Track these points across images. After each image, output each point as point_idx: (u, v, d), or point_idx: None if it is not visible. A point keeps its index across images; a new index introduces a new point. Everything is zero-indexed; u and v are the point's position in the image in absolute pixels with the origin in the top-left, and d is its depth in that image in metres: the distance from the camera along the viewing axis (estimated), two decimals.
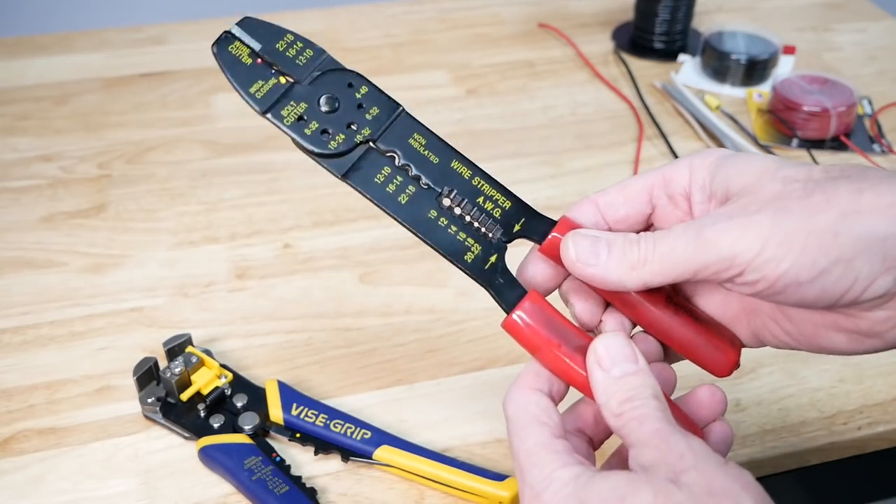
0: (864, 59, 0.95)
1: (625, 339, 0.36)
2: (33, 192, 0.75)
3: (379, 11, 1.04)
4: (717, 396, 0.39)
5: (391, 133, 0.40)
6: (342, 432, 0.52)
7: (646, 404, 0.34)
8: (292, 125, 0.39)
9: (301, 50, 0.40)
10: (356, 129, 0.40)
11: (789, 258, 0.33)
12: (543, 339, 0.37)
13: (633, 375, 0.35)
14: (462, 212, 0.40)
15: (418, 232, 0.39)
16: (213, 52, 0.40)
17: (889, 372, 0.58)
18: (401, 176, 0.40)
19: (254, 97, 0.39)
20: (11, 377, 0.59)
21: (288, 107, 0.39)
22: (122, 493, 0.51)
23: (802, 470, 0.55)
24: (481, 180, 0.40)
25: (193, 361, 0.54)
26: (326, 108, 0.40)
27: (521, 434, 0.36)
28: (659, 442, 0.33)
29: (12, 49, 0.95)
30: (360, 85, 0.40)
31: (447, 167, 0.40)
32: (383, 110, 0.40)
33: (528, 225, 0.40)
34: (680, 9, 0.93)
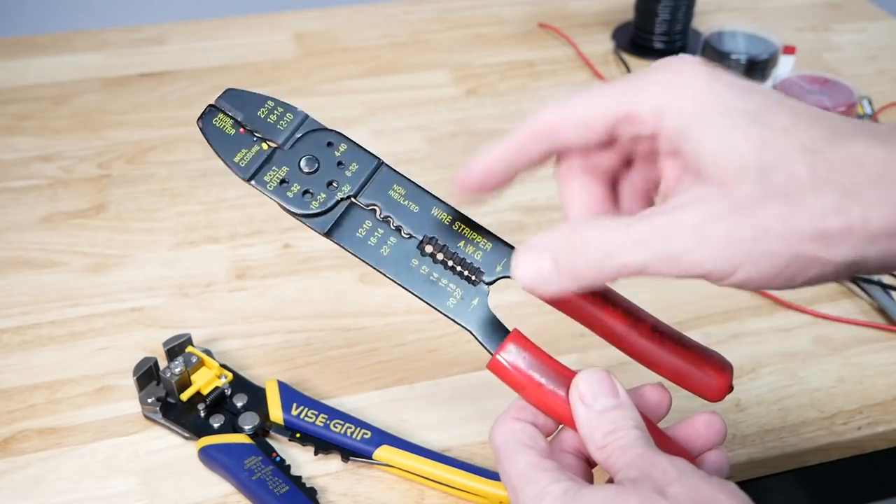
0: (864, 59, 0.95)
1: (605, 375, 0.37)
2: (33, 192, 0.75)
3: (379, 11, 1.04)
4: (715, 427, 0.39)
5: (371, 187, 0.41)
6: (342, 432, 0.52)
7: (628, 434, 0.35)
8: (275, 189, 0.41)
9: (282, 115, 0.42)
10: (337, 186, 0.41)
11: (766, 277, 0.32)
12: (527, 378, 0.38)
13: (614, 409, 0.36)
14: (444, 257, 0.40)
15: (400, 282, 0.40)
16: (199, 126, 0.41)
17: (889, 372, 0.58)
18: (382, 228, 0.41)
19: (238, 165, 0.41)
20: (11, 377, 0.59)
21: (271, 172, 0.41)
22: (122, 493, 0.51)
23: (802, 470, 0.55)
24: (462, 224, 0.41)
25: (193, 361, 0.54)
26: (307, 169, 0.41)
27: (512, 459, 0.37)
28: (642, 462, 0.33)
29: (12, 49, 0.95)
30: (340, 143, 0.42)
31: (427, 214, 0.41)
32: (362, 166, 0.41)
33: (510, 265, 0.40)
34: (680, 9, 0.93)
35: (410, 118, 0.84)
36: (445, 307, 0.40)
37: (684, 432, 0.39)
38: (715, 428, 0.39)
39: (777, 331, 0.62)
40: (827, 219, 0.31)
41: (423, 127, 0.83)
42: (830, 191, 0.31)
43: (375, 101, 0.86)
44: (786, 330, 0.62)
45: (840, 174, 0.31)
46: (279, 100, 0.42)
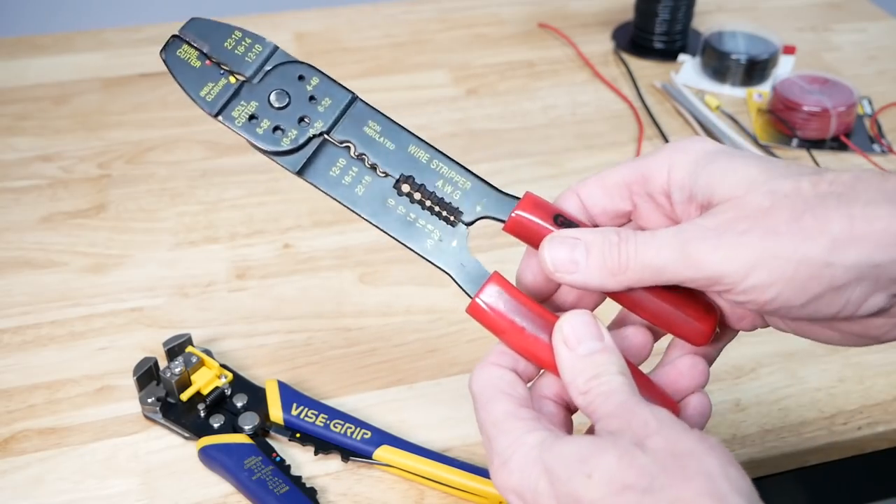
0: (864, 59, 0.95)
1: (590, 317, 0.36)
2: (33, 192, 0.75)
3: (379, 11, 1.04)
4: (699, 368, 0.39)
5: (345, 123, 0.40)
6: (342, 432, 0.52)
7: (612, 380, 0.34)
8: (244, 125, 0.39)
9: (250, 46, 0.40)
10: (309, 122, 0.39)
11: (779, 285, 0.33)
12: (508, 322, 0.37)
13: (599, 353, 0.35)
14: (421, 197, 0.39)
15: (376, 223, 0.39)
16: (162, 57, 0.40)
17: (889, 372, 0.58)
18: (356, 166, 0.39)
19: (204, 100, 0.39)
20: (11, 377, 0.59)
21: (239, 107, 0.39)
22: (122, 493, 0.51)
23: (802, 470, 0.55)
24: (440, 163, 0.40)
25: (193, 361, 0.54)
26: (277, 104, 0.39)
27: (488, 406, 0.36)
28: (623, 412, 0.33)
29: (12, 49, 0.95)
30: (311, 76, 0.40)
31: (404, 152, 0.40)
32: (336, 100, 0.40)
33: (490, 205, 0.39)
34: (680, 9, 0.93)
35: (410, 118, 0.84)
36: (423, 248, 0.39)
37: (668, 375, 0.39)
38: (698, 369, 0.39)
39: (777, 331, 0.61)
40: (830, 222, 0.32)
41: (423, 127, 0.83)
42: (835, 201, 0.33)
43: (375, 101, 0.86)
44: None
45: (842, 187, 0.33)
46: (247, 30, 0.40)
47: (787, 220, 0.33)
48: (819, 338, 0.38)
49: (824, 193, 0.33)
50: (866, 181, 0.33)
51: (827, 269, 0.32)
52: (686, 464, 0.31)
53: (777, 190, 0.34)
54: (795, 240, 0.32)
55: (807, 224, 0.33)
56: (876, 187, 0.33)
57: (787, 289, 0.33)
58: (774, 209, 0.33)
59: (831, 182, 0.34)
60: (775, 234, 0.33)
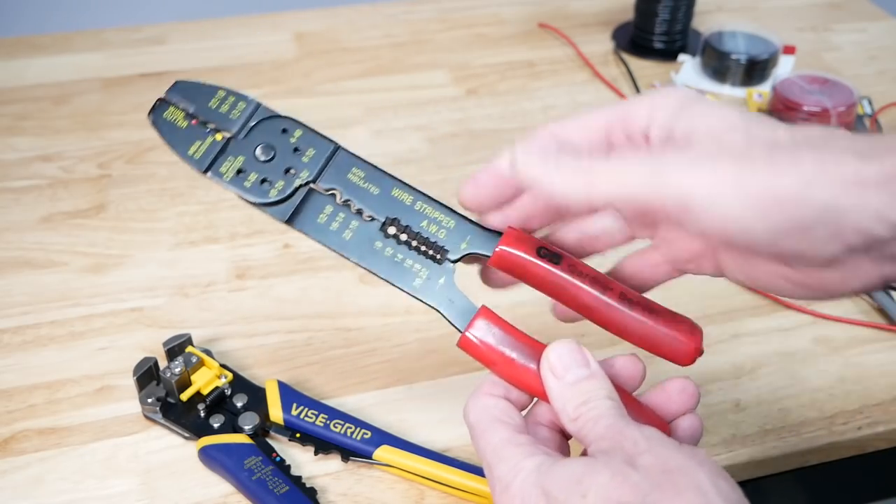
0: (864, 59, 0.95)
1: (575, 345, 0.37)
2: (33, 192, 0.75)
3: (379, 11, 1.04)
4: (689, 391, 0.39)
5: (330, 171, 0.41)
6: (342, 432, 0.52)
7: (600, 405, 0.35)
8: (232, 180, 0.41)
9: (234, 104, 0.41)
10: (295, 173, 0.41)
11: (747, 213, 0.33)
12: (497, 354, 0.39)
13: (586, 380, 0.36)
14: (407, 237, 0.40)
15: (365, 265, 0.40)
16: (150, 120, 0.42)
17: (889, 372, 0.58)
18: (343, 213, 0.41)
19: (192, 158, 0.41)
20: (11, 377, 0.59)
21: (227, 162, 0.41)
22: (122, 493, 0.51)
23: (802, 470, 0.55)
24: (423, 204, 0.41)
25: (193, 361, 0.54)
26: (263, 157, 0.41)
27: (486, 435, 0.37)
28: (613, 433, 0.34)
29: (12, 49, 0.95)
30: (295, 129, 0.41)
31: (388, 196, 0.41)
32: (319, 151, 0.41)
33: (475, 241, 0.41)
34: (680, 9, 0.93)
35: (410, 118, 0.84)
36: (412, 287, 0.40)
37: (657, 398, 0.39)
38: (688, 392, 0.39)
39: (777, 331, 0.62)
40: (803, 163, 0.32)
41: (423, 127, 0.83)
42: (808, 147, 0.33)
43: (375, 101, 0.86)
44: (786, 330, 0.62)
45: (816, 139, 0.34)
46: (230, 89, 0.42)
47: (763, 157, 0.33)
48: (770, 286, 0.37)
49: (799, 142, 0.34)
50: (839, 137, 0.34)
51: (795, 204, 0.32)
52: (677, 479, 0.31)
53: (754, 134, 0.34)
54: (769, 173, 0.33)
55: (780, 160, 0.33)
56: (846, 144, 0.33)
57: (755, 220, 0.33)
58: (750, 148, 0.34)
59: (806, 135, 0.34)
60: (751, 166, 0.33)
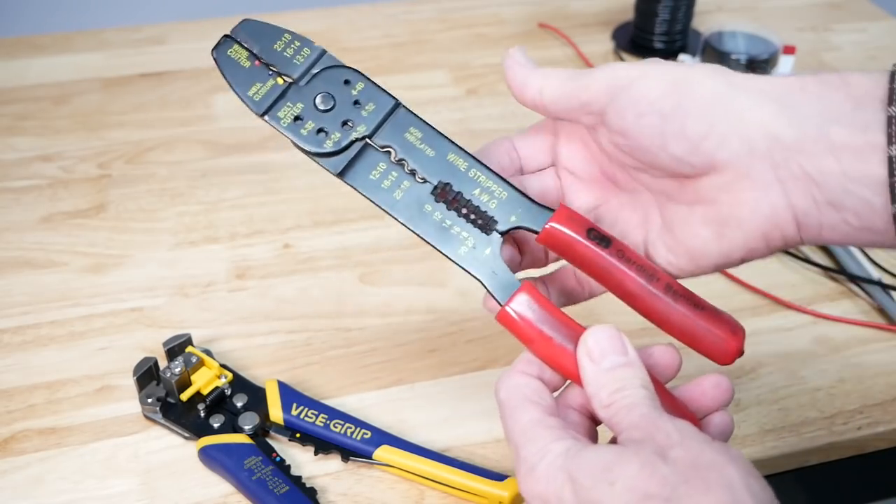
0: (864, 59, 0.95)
1: (614, 331, 0.37)
2: (33, 192, 0.75)
3: (379, 11, 1.04)
4: (723, 387, 0.39)
5: (387, 128, 0.40)
6: (342, 432, 0.52)
7: (635, 394, 0.35)
8: (289, 126, 0.40)
9: (298, 49, 0.41)
10: (352, 126, 0.40)
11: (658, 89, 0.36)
12: (536, 332, 0.38)
13: (622, 367, 0.36)
14: (458, 204, 0.40)
15: (412, 227, 0.40)
16: (213, 56, 0.41)
17: (889, 372, 0.58)
18: (396, 171, 0.40)
19: (252, 99, 0.40)
20: (11, 377, 0.59)
21: (285, 107, 0.40)
22: (122, 493, 0.51)
23: (802, 470, 0.55)
24: (478, 172, 0.40)
25: (193, 361, 0.54)
26: (323, 106, 0.40)
27: (515, 414, 0.37)
28: (646, 423, 0.33)
29: (12, 49, 0.95)
30: (357, 81, 0.41)
31: (443, 160, 0.40)
32: (379, 106, 0.41)
33: (525, 215, 0.40)
34: (680, 9, 0.93)
35: None
36: (457, 255, 0.39)
37: (691, 393, 0.39)
38: (722, 388, 0.39)
39: (777, 331, 0.62)
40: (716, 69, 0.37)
41: None
42: None
43: None
44: (786, 330, 0.62)
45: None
46: (297, 33, 0.41)
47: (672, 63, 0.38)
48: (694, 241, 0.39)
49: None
50: None
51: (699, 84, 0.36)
52: (707, 475, 0.31)
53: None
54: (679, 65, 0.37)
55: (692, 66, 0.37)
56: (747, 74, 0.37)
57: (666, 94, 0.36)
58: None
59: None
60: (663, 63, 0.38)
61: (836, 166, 0.33)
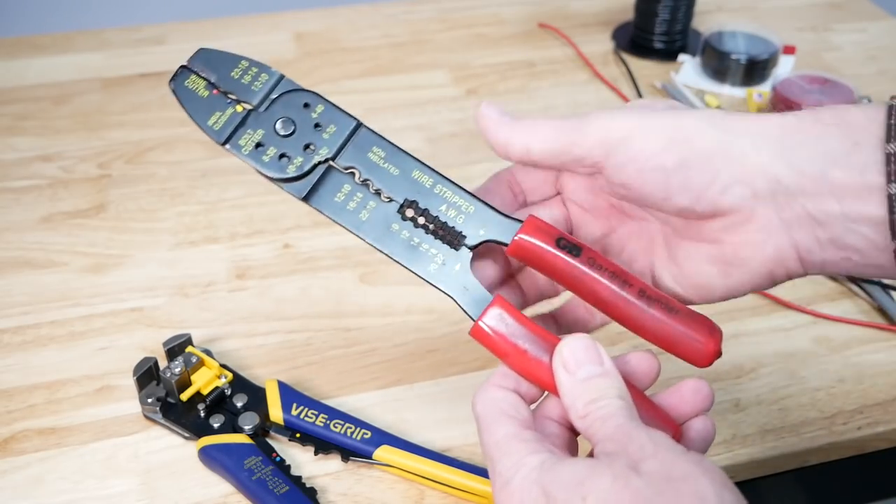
0: (864, 59, 0.95)
1: (589, 341, 0.37)
2: (33, 192, 0.75)
3: (379, 11, 1.04)
4: (702, 392, 0.39)
5: (350, 149, 0.40)
6: (342, 432, 0.52)
7: (610, 404, 0.35)
8: (250, 153, 0.40)
9: (256, 75, 0.41)
10: (314, 149, 0.40)
11: (656, 144, 0.36)
12: (510, 346, 0.38)
13: (598, 377, 0.36)
14: (425, 221, 0.40)
15: (380, 247, 0.40)
16: (171, 88, 0.41)
17: (889, 372, 0.58)
18: (361, 192, 0.40)
19: (212, 129, 0.40)
20: (11, 377, 0.59)
21: (246, 135, 0.40)
22: (122, 493, 0.51)
23: (802, 470, 0.55)
24: (443, 187, 0.40)
25: (193, 361, 0.54)
26: (283, 131, 0.40)
27: (491, 428, 0.37)
28: (620, 435, 0.33)
29: (12, 49, 0.95)
30: (317, 104, 0.41)
31: (408, 177, 0.40)
32: (340, 127, 0.41)
33: (493, 229, 0.40)
34: (680, 9, 0.93)
35: (410, 118, 0.84)
36: (427, 272, 0.39)
37: (670, 399, 0.39)
38: (702, 394, 0.39)
39: (777, 331, 0.62)
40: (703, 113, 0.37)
41: (423, 127, 0.83)
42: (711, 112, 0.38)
43: (375, 101, 0.86)
44: (786, 330, 0.62)
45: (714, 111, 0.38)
46: (253, 60, 0.41)
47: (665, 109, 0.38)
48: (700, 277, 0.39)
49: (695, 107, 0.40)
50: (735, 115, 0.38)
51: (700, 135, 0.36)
52: (680, 487, 0.31)
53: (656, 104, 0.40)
54: (673, 116, 0.37)
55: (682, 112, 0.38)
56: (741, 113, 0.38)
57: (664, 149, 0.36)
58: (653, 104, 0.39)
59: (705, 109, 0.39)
60: (655, 113, 0.37)
61: (837, 207, 0.34)
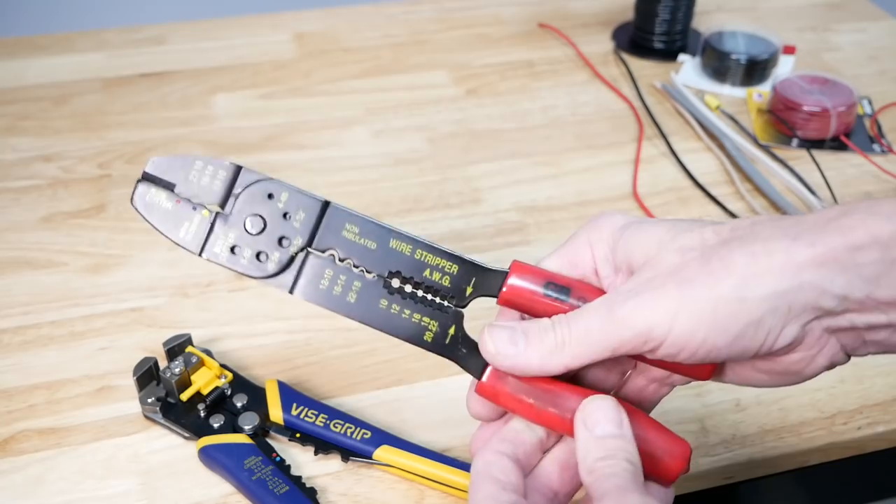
0: (864, 59, 0.95)
1: (613, 403, 0.37)
2: (33, 192, 0.75)
3: (379, 11, 1.04)
4: None
5: (323, 232, 0.40)
6: (342, 432, 0.52)
7: (617, 465, 0.35)
8: (228, 259, 0.40)
9: (214, 173, 0.40)
10: (289, 241, 0.40)
11: (703, 329, 0.35)
12: (516, 400, 0.38)
13: (612, 438, 0.36)
14: (412, 288, 0.40)
15: (374, 326, 0.40)
16: (134, 206, 0.40)
17: (889, 372, 0.58)
18: (343, 274, 0.40)
19: (185, 241, 0.40)
20: (11, 377, 0.59)
21: (219, 240, 0.40)
22: (122, 493, 0.51)
23: (802, 470, 0.55)
24: (423, 251, 0.40)
25: (193, 361, 0.54)
26: (254, 230, 0.40)
27: (475, 486, 0.38)
28: (618, 497, 0.34)
29: (12, 49, 0.95)
30: (280, 192, 0.40)
31: (386, 248, 0.40)
32: (309, 212, 0.40)
33: (480, 284, 0.40)
34: (680, 9, 0.93)
35: (410, 118, 0.84)
36: (423, 343, 0.40)
37: None
38: None
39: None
40: (735, 262, 0.35)
41: (423, 127, 0.83)
42: (737, 243, 0.35)
43: (375, 101, 0.86)
44: None
45: (742, 231, 0.36)
46: (206, 158, 0.40)
47: (697, 269, 0.35)
48: (751, 382, 0.39)
49: (727, 239, 0.36)
50: (764, 223, 0.36)
51: (741, 304, 0.34)
52: None
53: (684, 245, 0.36)
54: (708, 283, 0.35)
55: (715, 268, 0.35)
56: (773, 226, 0.36)
57: (711, 331, 0.35)
58: (684, 262, 0.36)
59: (732, 229, 0.36)
60: (689, 283, 0.35)
61: (885, 318, 0.35)
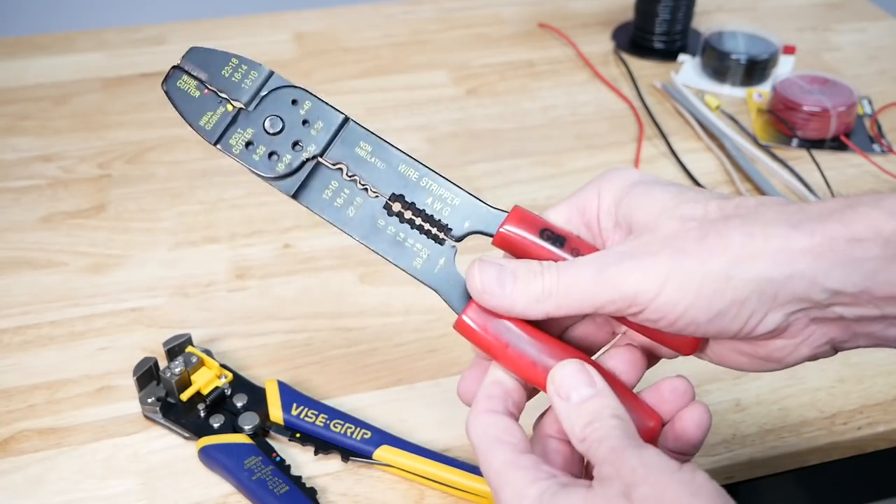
0: (864, 59, 0.95)
1: (579, 364, 0.37)
2: (33, 192, 0.75)
3: (379, 11, 1.04)
4: (679, 390, 0.39)
5: (337, 145, 0.41)
6: (342, 432, 0.52)
7: (605, 425, 0.35)
8: (241, 153, 0.40)
9: (246, 73, 0.41)
10: (302, 146, 0.40)
11: (686, 300, 0.35)
12: (493, 339, 0.38)
13: (591, 399, 0.36)
14: (412, 215, 0.40)
15: (367, 243, 0.40)
16: (164, 90, 0.41)
17: (889, 372, 0.58)
18: (348, 188, 0.40)
19: (203, 129, 0.41)
20: (11, 377, 0.59)
21: (236, 134, 0.40)
22: (122, 493, 0.51)
23: (802, 470, 0.55)
24: (430, 181, 0.41)
25: (193, 361, 0.54)
26: (272, 129, 0.41)
27: (487, 456, 0.37)
28: (614, 458, 0.34)
29: (12, 49, 0.95)
30: (305, 100, 0.41)
31: (394, 171, 0.41)
32: (328, 123, 0.41)
33: (478, 220, 0.40)
34: (680, 9, 0.93)
35: (410, 118, 0.84)
36: (412, 268, 0.40)
37: (650, 400, 0.39)
38: (679, 391, 0.39)
39: None
40: (732, 240, 0.35)
41: (423, 127, 0.83)
42: (738, 221, 0.35)
43: (375, 101, 0.86)
44: None
45: (746, 210, 0.36)
46: (244, 57, 0.41)
47: (694, 241, 0.35)
48: (730, 363, 0.39)
49: (729, 215, 0.36)
50: (769, 205, 0.36)
51: (728, 282, 0.34)
52: None
53: (686, 214, 0.36)
54: (701, 257, 0.35)
55: (711, 243, 0.35)
56: (777, 210, 0.35)
57: (695, 304, 0.35)
58: (682, 231, 0.36)
59: (737, 206, 0.36)
60: (683, 253, 0.35)
61: (877, 311, 0.35)
